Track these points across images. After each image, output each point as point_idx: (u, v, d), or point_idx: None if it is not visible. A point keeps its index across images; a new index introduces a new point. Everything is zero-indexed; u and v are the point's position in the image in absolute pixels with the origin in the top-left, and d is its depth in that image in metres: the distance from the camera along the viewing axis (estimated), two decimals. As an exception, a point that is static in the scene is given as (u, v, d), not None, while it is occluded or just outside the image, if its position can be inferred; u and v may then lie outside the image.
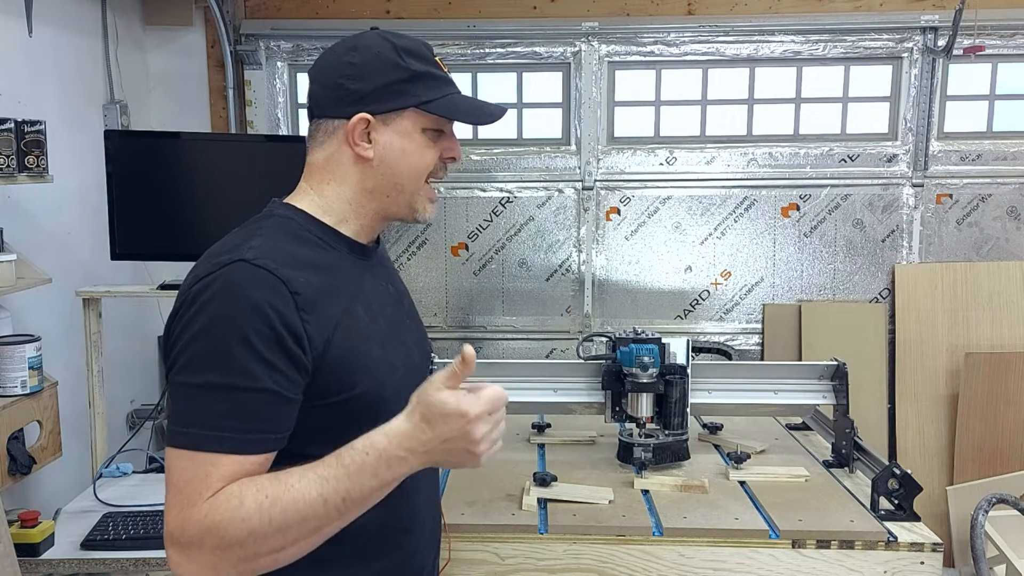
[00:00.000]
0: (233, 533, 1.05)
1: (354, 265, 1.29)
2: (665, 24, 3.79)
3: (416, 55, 1.27)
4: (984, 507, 2.98)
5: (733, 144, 3.90)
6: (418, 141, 1.28)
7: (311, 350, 1.15)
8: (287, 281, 1.14)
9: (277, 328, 1.11)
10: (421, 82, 1.26)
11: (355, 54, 1.26)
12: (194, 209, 2.80)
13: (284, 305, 1.13)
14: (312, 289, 1.17)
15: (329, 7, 3.84)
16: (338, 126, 1.26)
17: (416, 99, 1.26)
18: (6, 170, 2.35)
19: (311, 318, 1.15)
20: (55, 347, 2.72)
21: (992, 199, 3.87)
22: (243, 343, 1.10)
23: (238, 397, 1.09)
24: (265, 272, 1.13)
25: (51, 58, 3.00)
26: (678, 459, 2.02)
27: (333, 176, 1.29)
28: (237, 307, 1.11)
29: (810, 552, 1.67)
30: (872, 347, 3.81)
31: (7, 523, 2.07)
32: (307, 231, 1.26)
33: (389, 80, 1.25)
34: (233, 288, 1.12)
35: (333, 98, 1.26)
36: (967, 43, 3.60)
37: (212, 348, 1.10)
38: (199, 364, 1.11)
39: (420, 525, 1.37)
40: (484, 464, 1.11)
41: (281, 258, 1.17)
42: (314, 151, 1.30)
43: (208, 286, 1.13)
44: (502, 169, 3.90)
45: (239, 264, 1.14)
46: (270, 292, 1.12)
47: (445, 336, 3.95)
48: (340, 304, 1.21)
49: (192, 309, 1.13)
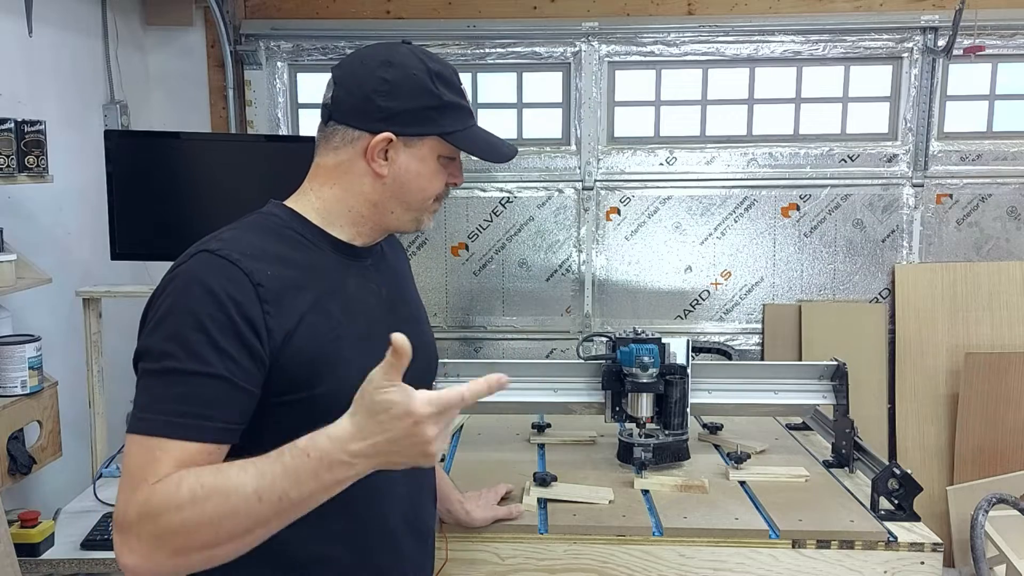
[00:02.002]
0: (167, 521, 1.02)
1: (337, 265, 1.28)
2: (665, 24, 3.80)
3: (447, 83, 1.28)
4: (984, 507, 2.98)
5: (733, 144, 3.90)
6: (432, 167, 1.29)
7: (269, 342, 1.14)
8: (249, 272, 1.14)
9: (233, 316, 1.11)
10: (448, 112, 1.27)
11: (390, 70, 1.25)
12: (194, 209, 2.80)
13: (243, 295, 1.13)
14: (278, 282, 1.16)
15: (329, 7, 3.84)
16: (358, 137, 1.26)
17: (440, 129, 1.27)
18: (6, 170, 2.35)
19: (273, 310, 1.15)
20: (55, 347, 2.72)
21: (992, 199, 3.87)
22: (198, 330, 1.10)
23: (189, 382, 1.09)
24: (226, 262, 1.14)
25: (51, 58, 3.00)
26: (678, 459, 2.01)
27: (339, 182, 1.29)
28: (194, 294, 1.12)
29: (810, 552, 1.67)
30: (872, 347, 3.81)
31: (7, 523, 2.07)
32: (288, 228, 1.26)
33: (420, 105, 1.25)
34: (192, 276, 1.14)
35: (360, 109, 1.26)
36: (967, 43, 3.61)
37: (169, 335, 1.12)
38: (156, 351, 1.12)
39: (394, 543, 1.31)
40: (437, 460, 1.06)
41: (247, 250, 1.17)
42: (326, 154, 1.30)
43: (174, 278, 1.16)
44: (502, 169, 3.90)
45: (202, 255, 1.16)
46: (228, 281, 1.13)
47: (445, 336, 3.95)
48: (308, 300, 1.20)
49: (157, 301, 1.16)
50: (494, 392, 1.04)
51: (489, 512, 1.70)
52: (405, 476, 1.31)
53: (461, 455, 2.11)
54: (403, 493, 1.33)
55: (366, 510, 1.25)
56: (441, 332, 3.96)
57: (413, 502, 1.36)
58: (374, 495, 1.26)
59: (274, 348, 1.15)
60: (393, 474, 1.26)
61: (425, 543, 1.42)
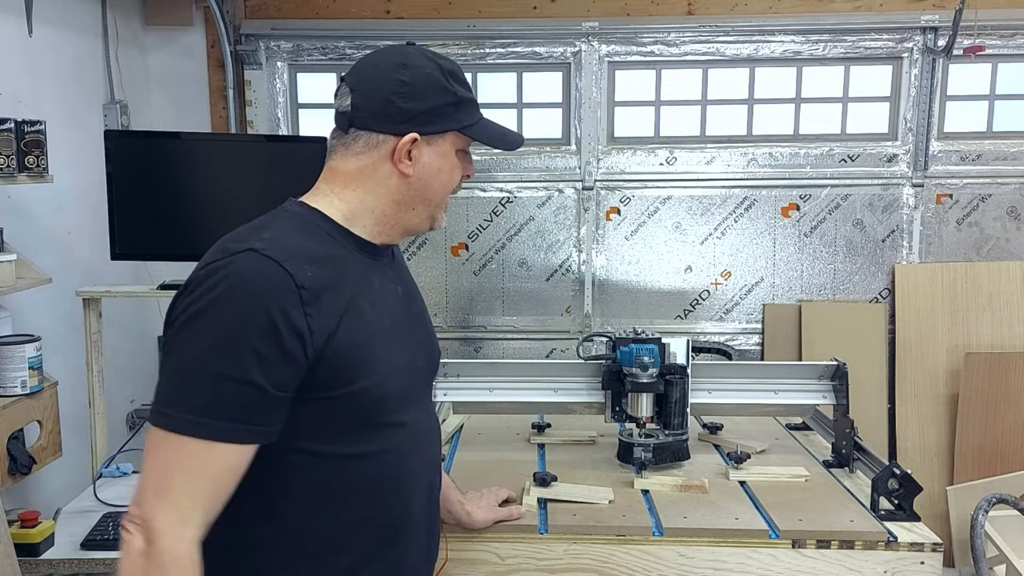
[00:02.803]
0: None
1: (363, 264, 1.30)
2: (665, 24, 3.79)
3: (459, 80, 1.33)
4: (984, 507, 2.98)
5: (733, 144, 3.90)
6: (452, 161, 1.33)
7: (312, 344, 1.16)
8: (294, 274, 1.15)
9: (277, 324, 1.12)
10: (463, 107, 1.32)
11: (406, 72, 1.28)
12: (194, 209, 2.80)
13: (288, 299, 1.14)
14: (318, 282, 1.18)
15: (329, 7, 3.84)
16: (383, 141, 1.28)
17: (459, 123, 1.31)
18: (6, 170, 2.35)
19: (314, 311, 1.16)
20: (55, 347, 2.72)
21: (992, 199, 3.87)
22: (241, 334, 1.11)
23: (225, 385, 1.11)
24: (273, 263, 1.15)
25: (51, 58, 3.00)
26: (678, 459, 2.01)
27: (363, 185, 1.30)
28: (241, 297, 1.12)
29: (810, 552, 1.67)
30: (872, 347, 3.81)
31: (7, 523, 2.07)
32: (317, 227, 1.27)
33: (439, 103, 1.29)
34: (239, 277, 1.13)
35: (382, 113, 1.28)
36: (967, 43, 3.61)
37: (210, 335, 1.12)
38: (194, 348, 1.12)
39: (415, 530, 1.36)
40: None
41: (290, 251, 1.18)
42: (346, 159, 1.31)
43: (215, 272, 1.15)
44: (502, 169, 3.90)
45: (248, 253, 1.15)
46: (275, 285, 1.14)
47: (445, 336, 3.95)
48: (345, 298, 1.22)
49: (196, 292, 1.14)
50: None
51: (490, 514, 1.70)
52: (425, 466, 1.37)
53: (461, 455, 2.11)
54: (423, 482, 1.37)
55: (393, 495, 1.30)
56: (441, 332, 3.95)
57: (429, 491, 1.41)
58: (398, 486, 1.31)
59: (316, 349, 1.17)
60: (416, 464, 1.34)
61: (434, 531, 1.46)
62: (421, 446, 1.37)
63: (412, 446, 1.33)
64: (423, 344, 1.42)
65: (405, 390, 1.31)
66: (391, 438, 1.29)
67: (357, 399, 1.22)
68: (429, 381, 1.47)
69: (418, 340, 1.40)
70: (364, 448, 1.26)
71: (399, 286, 1.39)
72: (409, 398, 1.33)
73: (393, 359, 1.29)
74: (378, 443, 1.27)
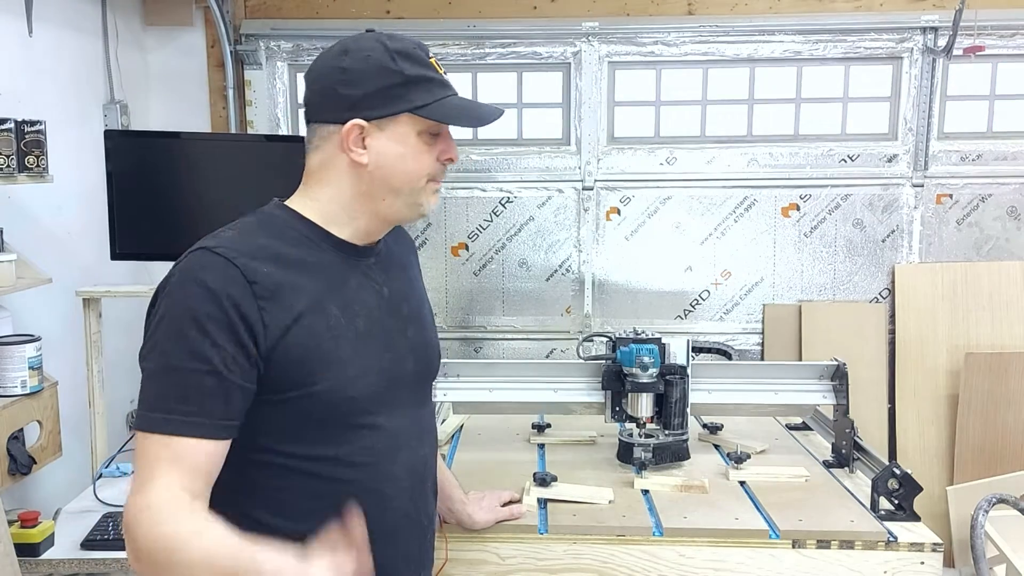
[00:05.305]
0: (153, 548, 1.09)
1: (339, 264, 1.29)
2: (665, 24, 3.79)
3: (410, 57, 1.26)
4: (984, 507, 2.98)
5: (733, 144, 3.90)
6: (414, 145, 1.27)
7: (266, 339, 1.16)
8: (244, 269, 1.16)
9: (229, 313, 1.14)
10: (415, 86, 1.25)
11: (346, 58, 1.25)
12: (194, 209, 2.80)
13: (239, 292, 1.15)
14: (272, 280, 1.18)
15: (329, 7, 3.84)
16: (332, 131, 1.26)
17: (410, 104, 1.25)
18: (6, 170, 2.35)
19: (268, 306, 1.17)
20: (55, 347, 2.71)
21: (992, 199, 3.87)
22: (195, 327, 1.13)
23: (188, 380, 1.13)
24: (223, 260, 1.17)
25: (51, 58, 3.00)
26: (678, 459, 2.02)
27: (328, 181, 1.29)
28: (191, 292, 1.15)
29: (810, 552, 1.67)
30: (872, 347, 3.81)
31: (7, 523, 2.07)
32: (290, 228, 1.27)
33: (382, 85, 1.24)
34: (190, 274, 1.17)
35: (327, 103, 1.26)
36: (967, 43, 3.60)
37: (168, 333, 1.15)
38: (157, 349, 1.16)
39: (396, 537, 1.32)
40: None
41: (244, 248, 1.19)
42: (310, 155, 1.30)
43: (172, 274, 1.20)
44: (502, 169, 3.90)
45: (200, 252, 1.19)
46: (225, 278, 1.15)
47: (445, 336, 3.95)
48: (306, 299, 1.21)
49: (158, 300, 1.20)
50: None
51: (492, 515, 1.70)
52: (407, 471, 1.33)
53: (461, 455, 2.11)
54: (404, 487, 1.34)
55: (369, 499, 1.26)
56: (441, 332, 3.92)
57: (414, 496, 1.37)
58: (375, 490, 1.28)
59: (270, 344, 1.17)
60: (395, 469, 1.30)
61: (424, 538, 1.43)
62: (402, 451, 1.32)
63: (390, 451, 1.30)
64: (415, 346, 1.37)
65: (380, 393, 1.28)
66: (360, 440, 1.26)
67: (319, 400, 1.21)
68: (420, 384, 1.41)
69: (407, 342, 1.36)
70: (333, 451, 1.24)
71: (385, 287, 1.35)
72: (385, 401, 1.29)
73: (365, 361, 1.26)
74: (346, 446, 1.25)
